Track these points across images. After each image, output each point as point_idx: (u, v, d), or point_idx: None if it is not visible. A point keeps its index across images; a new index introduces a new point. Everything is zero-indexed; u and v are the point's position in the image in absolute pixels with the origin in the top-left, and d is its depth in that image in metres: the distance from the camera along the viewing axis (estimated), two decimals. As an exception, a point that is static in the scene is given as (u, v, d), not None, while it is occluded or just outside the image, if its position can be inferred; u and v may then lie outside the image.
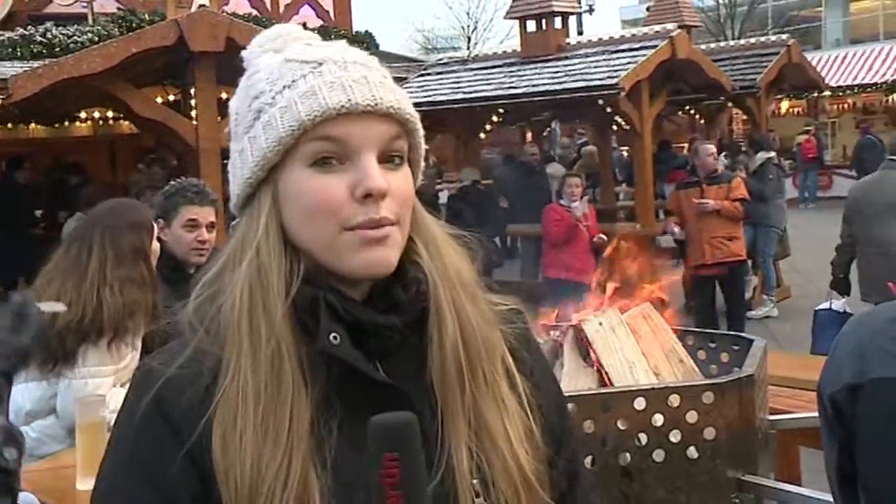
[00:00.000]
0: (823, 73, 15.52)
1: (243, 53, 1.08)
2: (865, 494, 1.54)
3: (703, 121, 14.69)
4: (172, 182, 3.55)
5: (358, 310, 0.98)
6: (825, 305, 5.77)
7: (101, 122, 10.26)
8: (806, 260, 12.59)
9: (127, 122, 10.04)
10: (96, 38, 9.61)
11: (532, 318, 1.31)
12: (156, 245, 3.11)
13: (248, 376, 0.95)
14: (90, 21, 11.04)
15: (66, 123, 10.43)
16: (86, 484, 2.38)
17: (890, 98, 22.09)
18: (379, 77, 1.00)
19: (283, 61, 1.01)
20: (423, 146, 1.06)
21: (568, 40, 10.43)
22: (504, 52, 11.25)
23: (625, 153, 15.79)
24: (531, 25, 10.47)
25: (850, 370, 1.54)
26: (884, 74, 23.07)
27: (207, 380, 0.96)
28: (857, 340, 1.57)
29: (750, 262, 9.37)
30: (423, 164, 1.07)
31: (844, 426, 1.55)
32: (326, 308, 0.96)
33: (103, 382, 2.82)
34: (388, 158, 0.99)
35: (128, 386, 1.04)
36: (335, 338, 0.95)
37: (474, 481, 0.99)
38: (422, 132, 1.04)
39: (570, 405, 1.31)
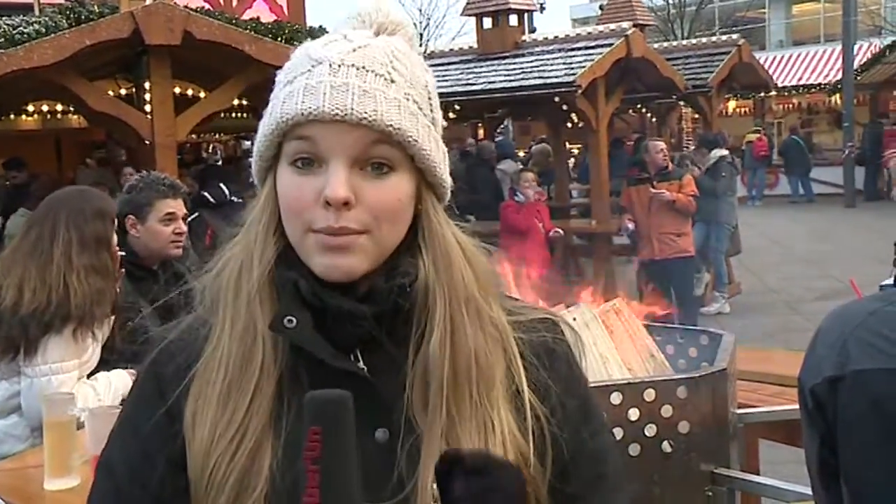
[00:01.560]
0: (769, 73, 15.85)
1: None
2: (847, 487, 1.57)
3: (653, 119, 14.89)
4: (136, 177, 3.50)
5: (326, 294, 0.98)
6: None
7: (48, 116, 10.01)
8: (754, 257, 12.86)
9: (76, 117, 9.82)
10: (43, 30, 9.36)
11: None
12: (114, 240, 3.06)
13: (225, 349, 1.00)
14: (36, 11, 10.77)
15: (13, 117, 10.16)
16: (53, 484, 2.32)
17: (832, 99, 22.62)
18: (371, 84, 0.97)
19: (303, 54, 1.02)
20: (431, 159, 1.01)
21: (524, 37, 10.49)
22: (461, 48, 11.26)
23: (575, 150, 15.92)
24: (487, 22, 10.50)
25: (831, 363, 1.56)
26: (826, 75, 23.65)
27: (199, 346, 1.03)
28: (838, 333, 1.60)
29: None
30: (440, 170, 1.03)
31: (825, 419, 1.58)
32: (292, 290, 0.99)
33: (67, 378, 2.75)
34: (369, 165, 0.98)
35: None
36: (290, 321, 0.97)
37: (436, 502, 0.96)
38: (419, 144, 0.99)
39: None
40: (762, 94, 17.49)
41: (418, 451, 0.98)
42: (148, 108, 6.44)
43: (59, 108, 9.51)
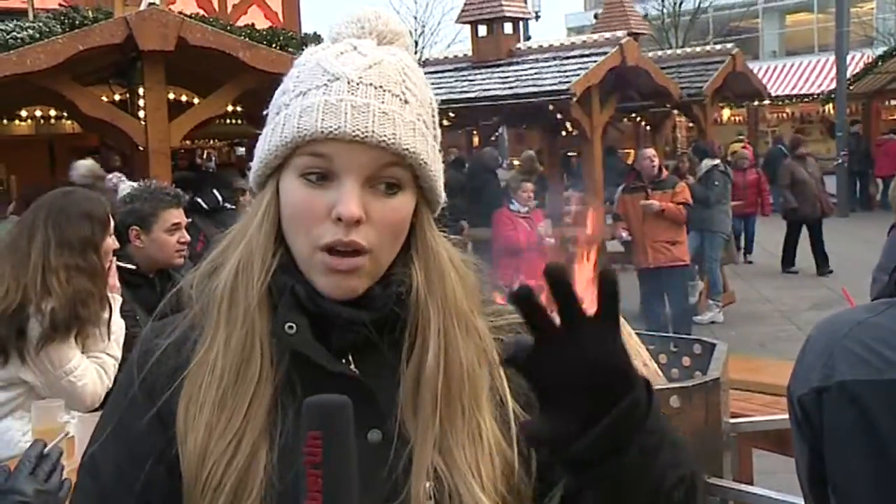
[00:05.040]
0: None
1: (331, 24, 1.10)
2: (835, 497, 1.57)
3: (648, 127, 14.89)
4: (137, 186, 3.51)
5: (325, 301, 1.00)
6: None
7: (42, 121, 10.01)
8: (748, 265, 12.88)
9: (69, 122, 9.81)
10: (37, 35, 9.36)
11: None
12: (109, 243, 3.02)
13: (220, 353, 1.01)
14: (30, 17, 10.76)
15: (5, 122, 10.14)
16: (42, 493, 2.31)
17: (826, 108, 22.70)
18: (389, 105, 0.99)
19: (316, 64, 1.02)
20: (435, 178, 1.04)
21: (519, 45, 10.51)
22: (456, 56, 11.28)
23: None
24: (482, 30, 10.52)
25: (818, 373, 1.57)
26: (819, 85, 23.74)
27: (189, 349, 1.04)
28: (825, 343, 1.60)
29: (696, 268, 9.54)
30: (439, 186, 1.05)
31: (813, 428, 1.58)
32: (290, 297, 1.00)
33: (80, 371, 2.81)
34: (380, 184, 0.99)
35: None
36: (290, 327, 0.99)
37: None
38: (428, 166, 1.02)
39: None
40: (756, 103, 17.53)
41: (410, 460, 0.99)
42: (142, 113, 6.44)
43: (53, 113, 9.51)
